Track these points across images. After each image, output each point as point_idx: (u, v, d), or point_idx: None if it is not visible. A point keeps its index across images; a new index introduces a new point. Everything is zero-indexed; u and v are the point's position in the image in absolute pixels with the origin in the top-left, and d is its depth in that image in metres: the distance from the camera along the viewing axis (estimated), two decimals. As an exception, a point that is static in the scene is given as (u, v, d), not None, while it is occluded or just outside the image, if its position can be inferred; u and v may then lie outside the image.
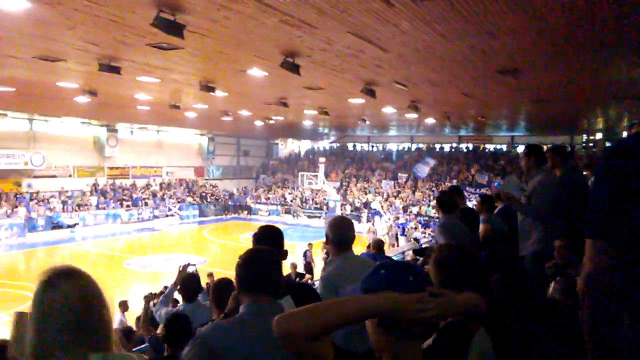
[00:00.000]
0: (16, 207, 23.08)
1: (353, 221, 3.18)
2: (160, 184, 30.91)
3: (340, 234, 2.92)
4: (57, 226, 23.83)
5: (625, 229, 1.31)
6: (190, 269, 4.84)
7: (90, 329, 1.40)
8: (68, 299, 1.40)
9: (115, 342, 1.47)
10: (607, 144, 24.89)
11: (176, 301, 6.23)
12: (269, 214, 31.35)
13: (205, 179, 34.39)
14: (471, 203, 16.51)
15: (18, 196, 23.93)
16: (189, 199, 30.57)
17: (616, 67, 9.19)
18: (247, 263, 2.13)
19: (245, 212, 31.77)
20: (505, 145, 32.35)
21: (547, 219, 4.13)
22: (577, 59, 8.49)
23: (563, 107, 15.14)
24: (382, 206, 28.26)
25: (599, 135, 27.10)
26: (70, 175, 26.67)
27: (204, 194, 31.75)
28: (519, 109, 17.01)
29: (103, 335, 1.42)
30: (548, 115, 17.99)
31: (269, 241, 2.73)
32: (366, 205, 29.31)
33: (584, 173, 6.14)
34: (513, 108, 16.56)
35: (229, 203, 32.16)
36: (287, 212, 31.45)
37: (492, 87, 11.64)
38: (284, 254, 2.76)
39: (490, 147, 32.88)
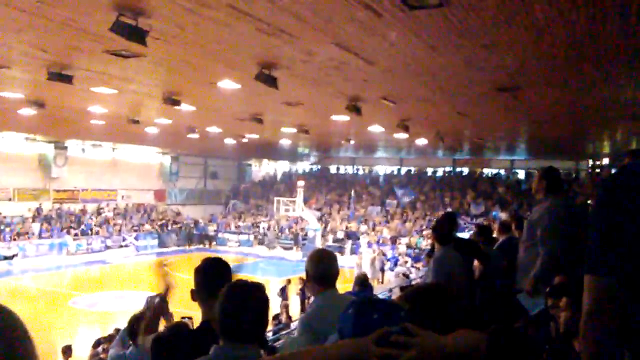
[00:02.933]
0: (-56, 234, 22.40)
1: (336, 254, 3.17)
2: (115, 210, 30.47)
3: (321, 269, 2.87)
4: (-9, 257, 23.15)
5: (625, 265, 1.37)
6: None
7: None
8: None
9: None
10: (614, 171, 25.56)
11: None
12: (240, 245, 31.04)
13: (167, 204, 34.08)
14: (466, 234, 16.68)
15: (-54, 222, 23.26)
16: (148, 227, 30.11)
17: (621, 86, 9.55)
18: (229, 302, 2.00)
19: (213, 242, 31.42)
20: (504, 170, 33.03)
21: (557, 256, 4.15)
22: (580, 76, 8.80)
23: (566, 129, 15.58)
24: (368, 235, 28.30)
25: (605, 161, 27.88)
26: (9, 199, 26.07)
27: (164, 222, 31.34)
28: (518, 131, 17.41)
29: None
30: (550, 138, 18.46)
31: (215, 277, 2.67)
32: (350, 235, 29.33)
33: (588, 202, 6.31)
34: (512, 129, 16.95)
35: (194, 232, 31.77)
36: (261, 242, 31.21)
37: (490, 105, 11.93)
38: None
39: (488, 171, 33.50)
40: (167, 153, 33.31)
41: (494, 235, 6.48)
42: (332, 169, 39.00)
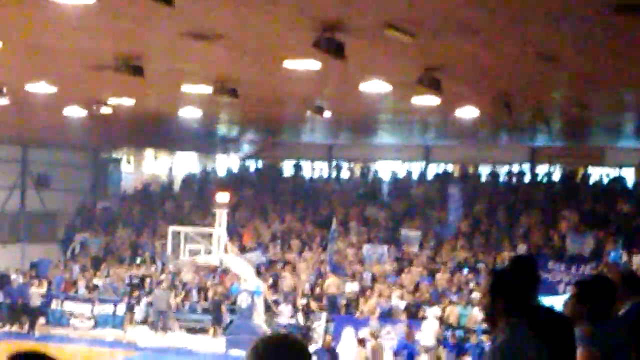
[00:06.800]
0: None
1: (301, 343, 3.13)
2: None
3: None
4: None
5: None
6: None
7: None
8: None
9: None
10: None
11: None
12: (96, 325, 30.71)
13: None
14: (559, 299, 16.93)
15: None
16: None
17: None
18: None
19: (40, 320, 30.94)
20: (634, 170, 33.66)
21: None
22: None
23: None
24: (364, 302, 28.30)
25: None
26: None
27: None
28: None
29: None
30: None
31: None
32: (321, 304, 29.29)
33: None
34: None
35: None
36: (143, 320, 30.96)
37: (602, 41, 12.13)
38: None
39: (600, 172, 34.03)
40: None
41: (614, 295, 6.53)
42: (287, 168, 38.95)
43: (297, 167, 38.72)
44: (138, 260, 34.56)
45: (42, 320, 31.10)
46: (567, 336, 5.23)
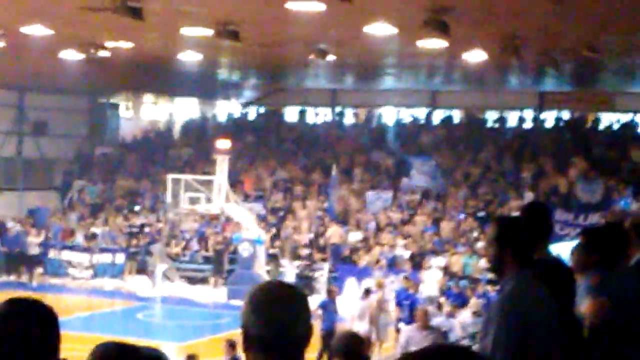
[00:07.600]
0: None
1: (303, 292, 3.13)
2: None
3: (274, 326, 2.84)
4: None
5: None
6: None
7: None
8: None
9: None
10: None
11: None
12: (95, 275, 30.86)
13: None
14: (565, 246, 16.96)
15: None
16: None
17: None
18: None
19: (38, 269, 31.00)
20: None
21: None
22: None
23: None
24: (364, 253, 28.35)
25: None
26: None
27: None
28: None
29: None
30: None
31: (18, 338, 2.72)
32: (324, 254, 29.41)
33: None
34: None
35: (-3, 249, 31.42)
36: (141, 269, 31.23)
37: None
38: None
39: (610, 118, 33.78)
40: None
41: (626, 244, 6.46)
42: (290, 114, 38.82)
43: (300, 113, 38.60)
44: (137, 209, 34.70)
45: (39, 269, 31.19)
46: (572, 288, 5.25)
